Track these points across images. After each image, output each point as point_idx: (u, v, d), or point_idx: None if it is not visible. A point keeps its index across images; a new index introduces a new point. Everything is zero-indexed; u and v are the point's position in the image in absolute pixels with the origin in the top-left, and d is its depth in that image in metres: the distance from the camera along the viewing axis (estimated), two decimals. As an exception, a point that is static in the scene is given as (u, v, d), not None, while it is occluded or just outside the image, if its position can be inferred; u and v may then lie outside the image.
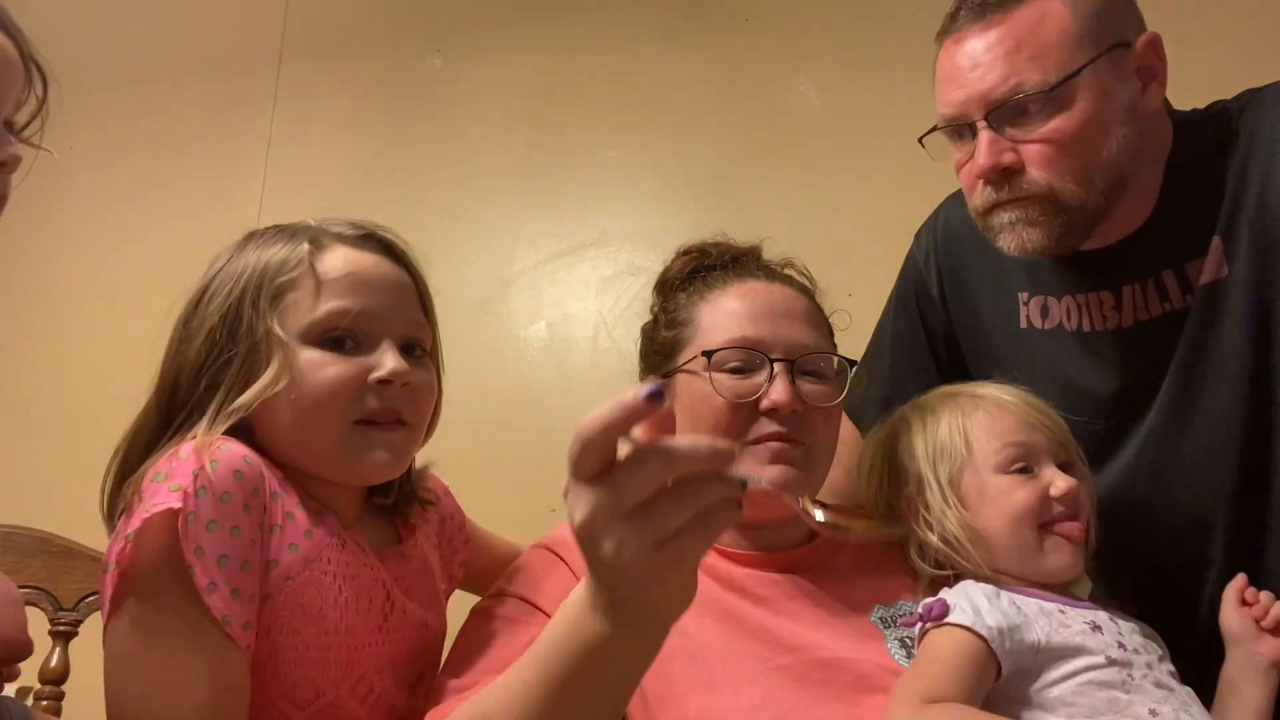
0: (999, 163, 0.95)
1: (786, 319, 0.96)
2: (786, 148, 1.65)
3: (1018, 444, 0.93)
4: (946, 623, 0.84)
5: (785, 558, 0.96)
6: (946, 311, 1.21)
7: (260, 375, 0.80)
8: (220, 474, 0.74)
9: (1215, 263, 0.97)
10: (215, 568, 0.72)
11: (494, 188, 1.78)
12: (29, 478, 1.76)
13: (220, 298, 0.83)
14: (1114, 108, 0.96)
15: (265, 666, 0.75)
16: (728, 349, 0.94)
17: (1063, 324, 1.07)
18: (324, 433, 0.81)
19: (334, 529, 0.82)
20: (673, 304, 1.04)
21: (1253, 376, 0.96)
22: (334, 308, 0.81)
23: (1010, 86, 0.94)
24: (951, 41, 1.00)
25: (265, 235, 0.87)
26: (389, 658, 0.83)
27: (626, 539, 0.52)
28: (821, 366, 0.96)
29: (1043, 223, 0.97)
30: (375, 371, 0.81)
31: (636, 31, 1.78)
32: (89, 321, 1.88)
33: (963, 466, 0.95)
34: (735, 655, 0.86)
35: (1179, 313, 1.00)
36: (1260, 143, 0.96)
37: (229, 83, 1.98)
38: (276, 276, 0.82)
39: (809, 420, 0.93)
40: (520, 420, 1.57)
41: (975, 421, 0.96)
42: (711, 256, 1.06)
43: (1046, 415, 0.95)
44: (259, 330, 0.80)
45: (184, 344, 0.84)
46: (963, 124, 0.98)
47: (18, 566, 1.10)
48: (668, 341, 1.00)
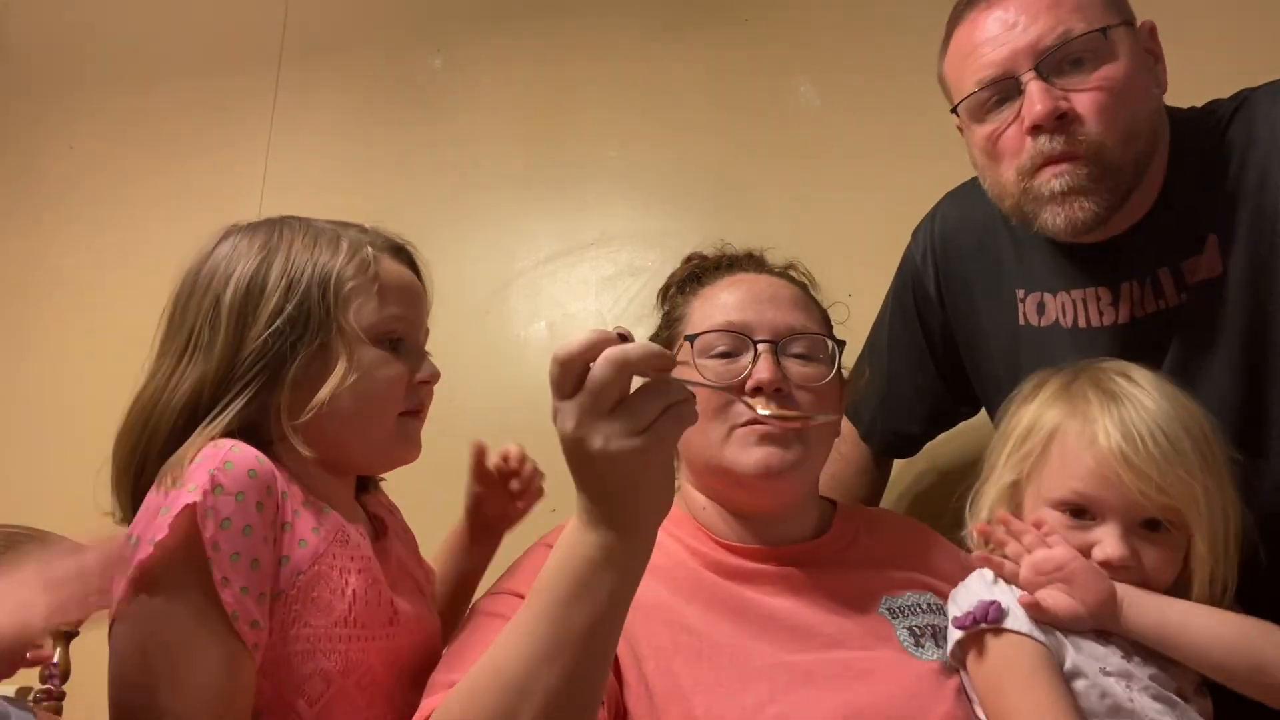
0: (1057, 107, 0.93)
1: (772, 304, 0.97)
2: (786, 148, 1.65)
3: (1081, 495, 0.87)
4: (1006, 629, 0.84)
5: (792, 552, 0.96)
6: (944, 309, 1.21)
7: (332, 370, 0.86)
8: (235, 474, 0.77)
9: (1210, 261, 0.98)
10: (229, 564, 0.75)
11: (494, 188, 1.78)
12: (29, 478, 1.76)
13: (282, 289, 0.87)
14: (1144, 73, 0.97)
15: (279, 662, 0.77)
16: (711, 332, 0.95)
17: (1059, 321, 1.07)
18: (379, 423, 0.90)
19: (337, 524, 0.85)
20: (669, 305, 1.07)
21: (1246, 375, 0.96)
22: (393, 313, 0.90)
23: (1060, 34, 0.94)
24: (979, 12, 0.99)
25: (302, 234, 0.91)
26: (395, 653, 0.85)
27: (612, 432, 0.60)
28: (810, 349, 0.97)
29: (1092, 189, 0.95)
30: (420, 373, 0.92)
31: (637, 32, 1.78)
32: (89, 321, 1.88)
33: (1028, 480, 0.93)
34: (742, 651, 0.86)
35: (1173, 310, 1.00)
36: (1256, 141, 0.97)
37: (229, 82, 1.98)
38: (349, 280, 0.88)
39: (799, 401, 0.94)
40: (520, 420, 1.57)
41: (1059, 441, 0.90)
42: (711, 260, 1.08)
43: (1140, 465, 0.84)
44: (331, 327, 0.86)
45: (241, 328, 0.86)
46: (1008, 79, 0.96)
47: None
48: (663, 341, 1.02)
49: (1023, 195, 0.98)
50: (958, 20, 1.03)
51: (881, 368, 1.27)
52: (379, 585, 0.85)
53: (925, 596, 0.97)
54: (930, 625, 0.93)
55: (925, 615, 0.94)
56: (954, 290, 1.20)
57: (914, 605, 0.95)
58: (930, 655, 0.90)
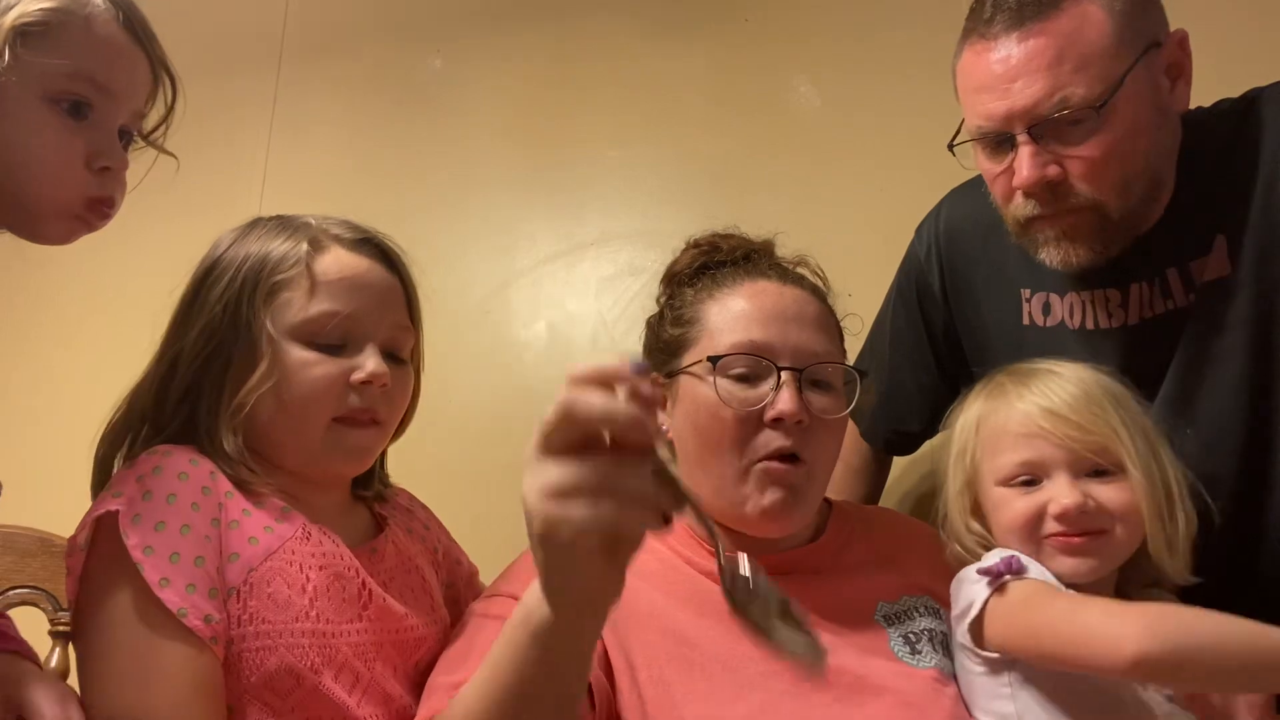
0: (1044, 176, 0.93)
1: (797, 323, 0.93)
2: (787, 148, 1.65)
3: (1018, 463, 0.90)
4: (1030, 578, 0.85)
5: (786, 558, 0.95)
6: (947, 306, 1.21)
7: (254, 372, 0.83)
8: (164, 477, 0.78)
9: (1219, 261, 0.97)
10: (167, 564, 0.75)
11: (493, 188, 1.77)
12: (29, 478, 1.76)
13: (221, 286, 0.86)
14: (1150, 112, 0.94)
15: (243, 658, 0.77)
16: (734, 354, 0.91)
17: (1065, 322, 1.07)
18: (305, 428, 0.85)
19: (298, 523, 0.84)
20: (679, 299, 1.01)
21: (1254, 377, 0.96)
22: (324, 309, 0.85)
23: (1056, 101, 0.91)
24: (983, 46, 0.96)
25: (269, 226, 0.90)
26: (373, 645, 0.84)
27: (543, 483, 0.52)
28: (830, 375, 0.94)
29: (1086, 237, 0.95)
30: (357, 372, 0.85)
31: (637, 32, 1.78)
32: (88, 321, 1.88)
33: (974, 475, 0.94)
34: (735, 660, 0.85)
35: (1181, 311, 0.99)
36: (1265, 141, 0.96)
37: (229, 82, 1.97)
38: (274, 274, 0.86)
39: (814, 433, 0.91)
40: (520, 420, 1.57)
41: (986, 425, 0.93)
42: (722, 251, 1.02)
43: (1062, 412, 0.88)
44: (255, 326, 0.84)
45: (184, 327, 0.87)
46: (1003, 133, 0.96)
47: (18, 566, 1.10)
48: (673, 340, 0.98)
49: (1020, 236, 1.00)
50: (966, 42, 1.00)
51: (883, 366, 1.26)
52: (344, 580, 0.84)
53: (922, 599, 0.96)
54: (926, 630, 0.92)
55: (921, 620, 0.93)
56: (958, 287, 1.19)
57: (910, 610, 0.94)
58: (927, 663, 0.89)
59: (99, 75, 0.76)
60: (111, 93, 0.77)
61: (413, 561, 0.95)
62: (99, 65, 0.76)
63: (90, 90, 0.76)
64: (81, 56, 0.74)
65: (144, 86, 0.81)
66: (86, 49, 0.75)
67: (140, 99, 0.81)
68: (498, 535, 1.12)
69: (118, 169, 0.78)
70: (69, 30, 0.74)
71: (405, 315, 0.92)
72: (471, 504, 1.11)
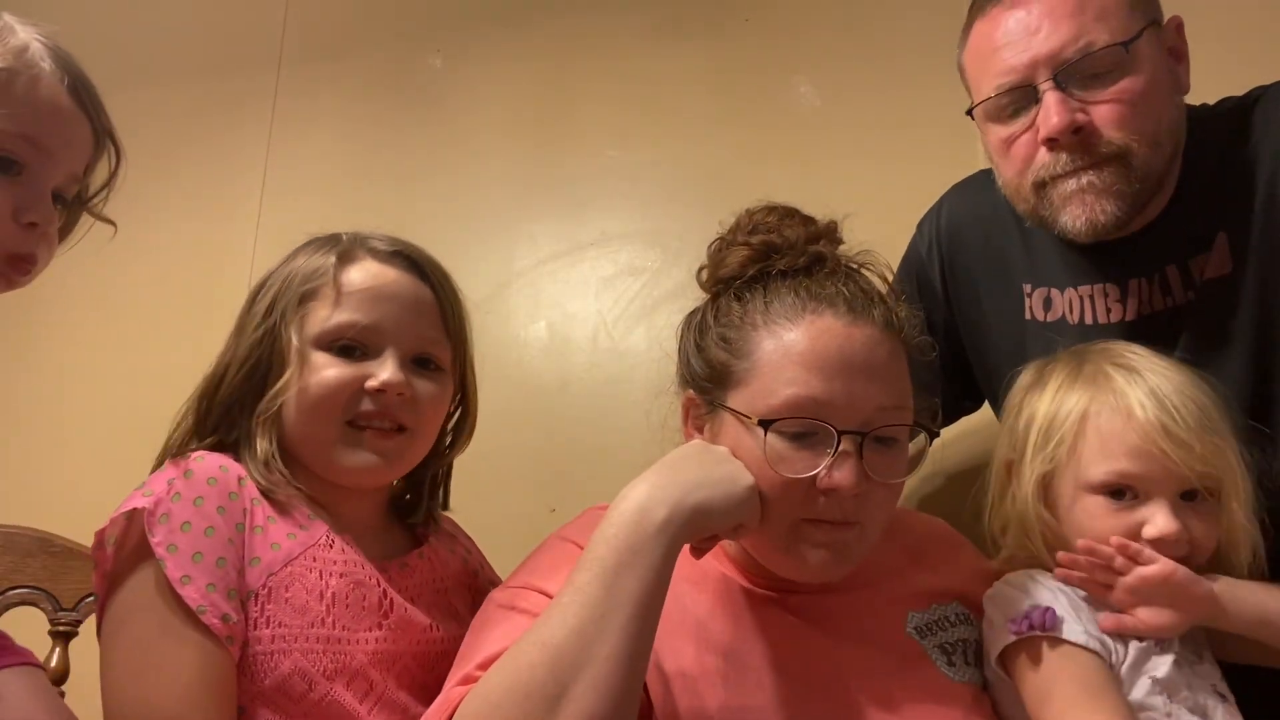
0: (1074, 121, 0.91)
1: (865, 375, 0.80)
2: (787, 148, 1.65)
3: (1124, 475, 0.84)
4: (1064, 640, 0.81)
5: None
6: (948, 302, 1.21)
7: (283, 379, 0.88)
8: (194, 481, 0.81)
9: (1220, 259, 0.97)
10: (190, 563, 0.78)
11: (494, 187, 1.77)
12: (29, 478, 1.76)
13: (266, 300, 0.91)
14: (1166, 75, 0.95)
15: (257, 660, 0.79)
16: (788, 419, 0.79)
17: (1065, 317, 1.07)
18: (319, 430, 0.88)
19: (321, 530, 0.86)
20: (728, 315, 0.87)
21: (1254, 374, 0.96)
22: (344, 319, 0.89)
23: (1082, 45, 0.92)
24: (1001, 10, 0.97)
25: (318, 242, 0.95)
26: (390, 656, 0.85)
27: None
28: (895, 430, 0.83)
29: (1115, 192, 0.93)
30: (371, 379, 0.88)
31: (637, 32, 1.78)
32: (89, 321, 1.87)
33: (1061, 467, 0.88)
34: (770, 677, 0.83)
35: (1181, 308, 0.99)
36: (1269, 140, 0.96)
37: (229, 84, 1.97)
38: (304, 285, 0.90)
39: (871, 497, 0.81)
40: (519, 420, 1.57)
41: (1093, 423, 0.86)
42: (779, 253, 0.88)
43: (1180, 434, 0.82)
44: (285, 336, 0.88)
45: (236, 339, 0.92)
46: (1025, 87, 0.94)
47: (18, 566, 1.11)
48: (720, 365, 0.86)
49: (1039, 201, 0.97)
50: (980, 11, 1.01)
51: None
52: (365, 589, 0.85)
53: (952, 607, 0.93)
54: (961, 640, 0.90)
55: (955, 629, 0.91)
56: (959, 283, 1.19)
57: (941, 619, 0.91)
58: (964, 676, 0.87)
59: (37, 135, 0.76)
60: (48, 152, 0.77)
61: (448, 581, 0.96)
62: (38, 126, 0.76)
63: (24, 148, 0.76)
64: (21, 116, 0.75)
65: (83, 152, 0.81)
66: (27, 109, 0.75)
67: (78, 164, 0.81)
68: (498, 534, 1.12)
69: (44, 226, 0.78)
70: (12, 89, 0.74)
71: (437, 327, 0.94)
72: (472, 503, 1.11)
